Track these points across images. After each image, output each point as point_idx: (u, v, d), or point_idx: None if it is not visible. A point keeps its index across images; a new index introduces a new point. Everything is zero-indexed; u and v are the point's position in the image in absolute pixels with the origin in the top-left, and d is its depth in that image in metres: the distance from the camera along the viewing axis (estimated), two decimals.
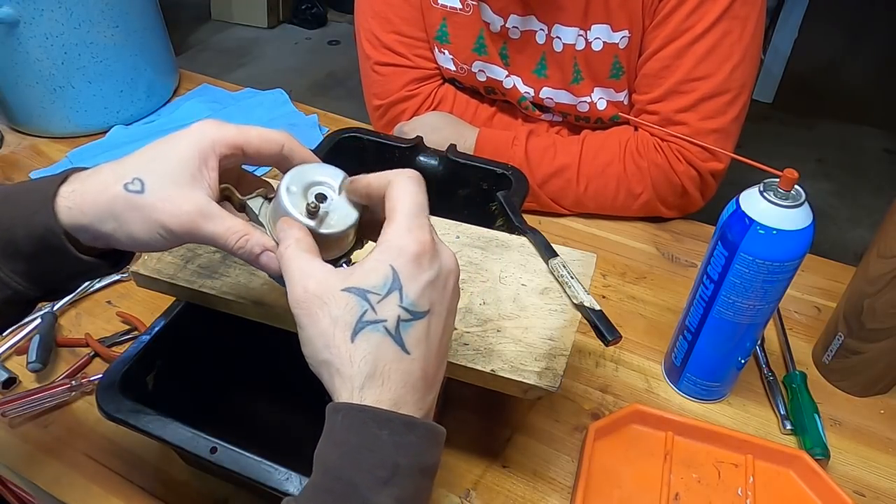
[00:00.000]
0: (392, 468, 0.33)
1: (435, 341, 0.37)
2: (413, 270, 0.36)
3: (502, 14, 0.83)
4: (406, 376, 0.35)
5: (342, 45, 3.24)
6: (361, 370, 0.35)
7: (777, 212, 0.51)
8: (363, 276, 0.36)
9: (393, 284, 0.35)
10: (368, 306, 0.35)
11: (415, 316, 0.36)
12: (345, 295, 0.35)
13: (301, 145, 0.44)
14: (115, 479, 0.57)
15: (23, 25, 0.89)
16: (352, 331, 0.35)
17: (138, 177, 0.39)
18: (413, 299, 0.36)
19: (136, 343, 0.52)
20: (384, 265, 0.36)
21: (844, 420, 0.64)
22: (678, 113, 0.79)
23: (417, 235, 0.37)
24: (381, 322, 0.35)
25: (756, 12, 0.76)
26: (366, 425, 0.34)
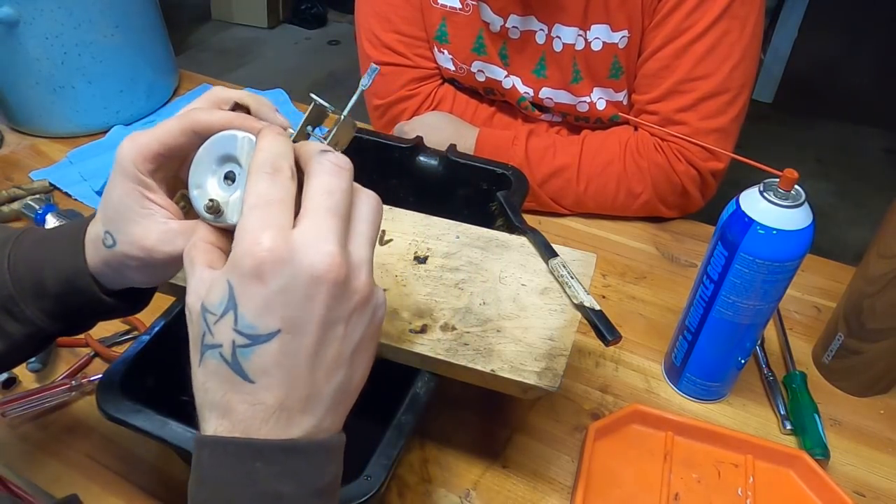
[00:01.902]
0: (274, 499, 0.30)
1: (301, 361, 0.31)
2: (250, 285, 0.30)
3: (502, 14, 0.83)
4: (253, 408, 0.30)
5: (342, 45, 3.24)
6: (204, 399, 0.31)
7: (777, 212, 0.51)
8: (210, 290, 0.31)
9: (228, 304, 0.30)
10: (206, 328, 0.31)
11: (254, 340, 0.30)
12: (198, 312, 0.32)
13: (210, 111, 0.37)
14: (115, 479, 0.57)
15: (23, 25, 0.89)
16: (199, 354, 0.32)
17: (108, 230, 0.39)
18: (251, 321, 0.30)
19: (136, 343, 0.52)
20: (222, 279, 0.31)
21: (844, 420, 0.64)
22: (678, 113, 0.79)
23: (256, 239, 0.30)
24: (217, 347, 0.31)
25: (755, 12, 0.76)
26: (236, 458, 0.30)
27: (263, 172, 0.32)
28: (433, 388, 0.50)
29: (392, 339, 0.51)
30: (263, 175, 0.32)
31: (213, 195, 0.35)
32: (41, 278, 0.40)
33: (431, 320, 0.52)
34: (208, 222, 0.36)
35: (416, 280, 0.56)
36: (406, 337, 0.51)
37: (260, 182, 0.32)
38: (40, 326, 0.41)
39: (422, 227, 0.61)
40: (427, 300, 0.54)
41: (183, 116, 0.37)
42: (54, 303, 0.41)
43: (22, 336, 0.41)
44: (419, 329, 0.52)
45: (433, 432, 0.60)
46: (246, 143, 0.35)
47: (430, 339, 0.51)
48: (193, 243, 0.35)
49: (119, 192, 0.37)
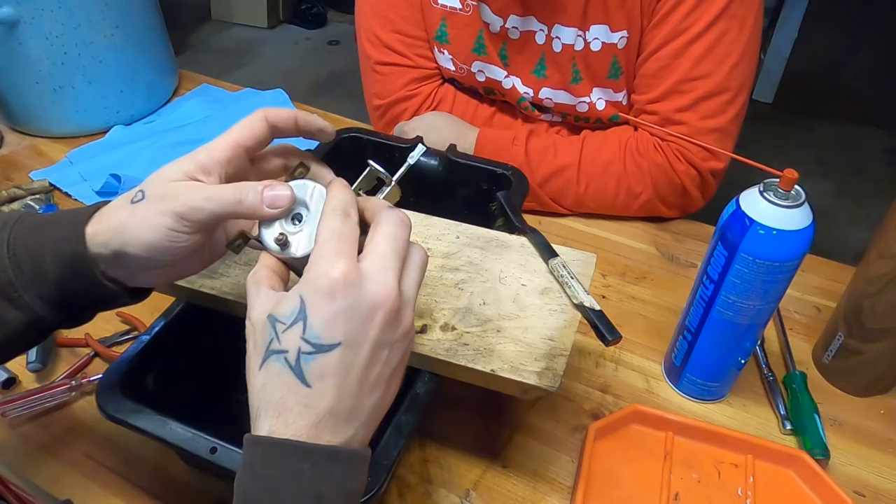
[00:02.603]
0: (314, 499, 0.33)
1: (352, 375, 0.36)
2: (321, 301, 0.35)
3: (502, 14, 0.83)
4: (308, 409, 0.34)
5: (342, 45, 3.23)
6: (263, 399, 0.35)
7: (777, 212, 0.51)
8: (279, 303, 0.36)
9: (298, 315, 0.35)
10: (274, 335, 0.35)
11: (318, 349, 0.35)
12: (264, 322, 0.36)
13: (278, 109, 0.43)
14: (115, 478, 0.57)
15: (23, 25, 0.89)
16: (262, 359, 0.36)
17: (141, 189, 0.40)
18: (318, 331, 0.35)
19: (136, 343, 0.52)
20: (295, 294, 0.36)
21: (844, 420, 0.64)
22: (677, 112, 0.79)
23: (332, 263, 0.35)
24: (283, 353, 0.35)
25: (754, 12, 0.76)
26: (287, 458, 0.34)
27: (337, 213, 0.38)
28: (433, 388, 0.50)
29: None
30: (337, 215, 0.38)
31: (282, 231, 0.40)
32: (41, 262, 0.40)
33: (431, 320, 0.52)
34: (274, 254, 0.41)
35: None
36: None
37: (334, 220, 0.38)
38: (39, 315, 0.41)
39: (422, 227, 0.61)
40: (427, 300, 0.54)
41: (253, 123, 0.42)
42: (54, 289, 0.41)
43: (21, 325, 0.41)
44: (419, 329, 0.52)
45: (433, 432, 0.60)
46: (316, 191, 0.41)
47: (430, 339, 0.51)
48: (259, 269, 0.40)
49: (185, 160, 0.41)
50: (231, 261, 0.56)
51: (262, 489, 0.33)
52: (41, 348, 0.65)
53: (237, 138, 0.42)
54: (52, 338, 0.67)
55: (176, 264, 0.42)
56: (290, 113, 0.43)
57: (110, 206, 0.41)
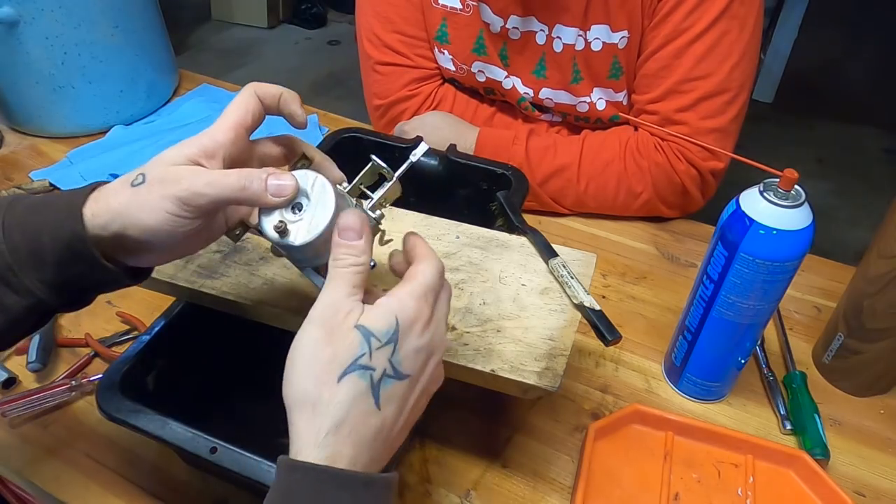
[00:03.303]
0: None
1: (407, 407, 0.38)
2: (410, 331, 0.37)
3: (502, 15, 0.83)
4: (370, 431, 0.36)
5: (342, 45, 3.23)
6: (335, 415, 0.35)
7: (777, 212, 0.51)
8: (373, 319, 0.37)
9: (392, 336, 0.36)
10: (367, 350, 0.36)
11: (397, 375, 0.36)
12: (355, 332, 0.36)
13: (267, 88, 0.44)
14: (115, 478, 0.57)
15: (23, 25, 0.89)
16: (343, 370, 0.35)
17: (142, 172, 0.40)
18: (401, 358, 0.37)
19: (136, 343, 0.52)
20: (392, 315, 0.37)
21: (844, 420, 0.64)
22: (678, 112, 0.79)
23: (423, 306, 0.38)
24: (371, 370, 0.35)
25: (754, 12, 0.76)
26: (325, 486, 0.34)
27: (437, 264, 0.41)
28: None
29: None
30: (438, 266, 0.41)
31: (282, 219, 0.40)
32: (39, 245, 0.39)
33: None
34: (273, 242, 0.41)
35: None
36: None
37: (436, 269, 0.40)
38: (40, 298, 0.41)
39: (422, 227, 0.61)
40: None
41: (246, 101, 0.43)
42: (54, 272, 0.40)
43: (21, 309, 0.40)
44: None
45: (433, 432, 0.60)
46: (318, 181, 0.41)
47: None
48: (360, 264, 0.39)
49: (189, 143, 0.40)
50: (231, 261, 0.56)
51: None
52: (41, 348, 0.65)
53: (236, 119, 0.42)
54: (52, 338, 0.67)
55: (176, 246, 0.42)
56: (276, 90, 0.43)
57: (109, 188, 0.41)
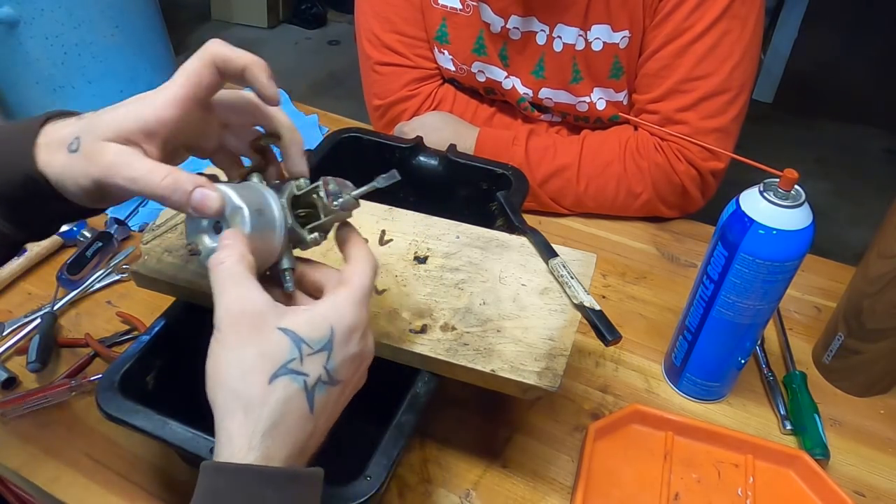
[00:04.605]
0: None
1: (335, 411, 0.39)
2: (345, 340, 0.37)
3: (503, 15, 0.83)
4: (304, 435, 0.36)
5: (342, 45, 3.23)
6: (270, 416, 0.34)
7: (777, 212, 0.51)
8: (304, 324, 0.36)
9: (327, 345, 0.36)
10: (298, 356, 0.35)
11: (331, 381, 0.37)
12: (279, 334, 0.35)
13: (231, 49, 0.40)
14: (115, 478, 0.57)
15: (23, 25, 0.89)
16: (273, 372, 0.35)
17: (78, 136, 0.39)
18: (337, 366, 0.37)
19: (136, 343, 0.52)
20: (327, 323, 0.37)
21: (844, 420, 0.64)
22: (678, 112, 0.79)
23: (362, 313, 0.39)
24: (303, 376, 0.35)
25: (755, 12, 0.76)
26: (250, 485, 0.33)
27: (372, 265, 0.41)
28: (433, 388, 0.50)
29: (392, 339, 0.51)
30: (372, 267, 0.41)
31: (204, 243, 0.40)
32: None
33: (431, 320, 0.52)
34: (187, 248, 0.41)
35: (416, 280, 0.56)
36: (406, 337, 0.51)
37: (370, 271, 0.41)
38: (3, 232, 0.41)
39: (422, 227, 0.61)
40: (427, 300, 0.54)
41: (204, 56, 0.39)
42: (11, 208, 0.40)
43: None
44: (419, 329, 0.52)
45: (433, 432, 0.60)
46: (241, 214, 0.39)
47: (430, 339, 0.51)
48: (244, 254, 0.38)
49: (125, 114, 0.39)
50: None
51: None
52: (41, 348, 0.65)
53: (186, 93, 0.39)
54: (52, 338, 0.67)
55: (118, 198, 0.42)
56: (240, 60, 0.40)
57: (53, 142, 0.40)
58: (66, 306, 0.72)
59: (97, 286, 0.74)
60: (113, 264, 0.76)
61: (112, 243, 0.77)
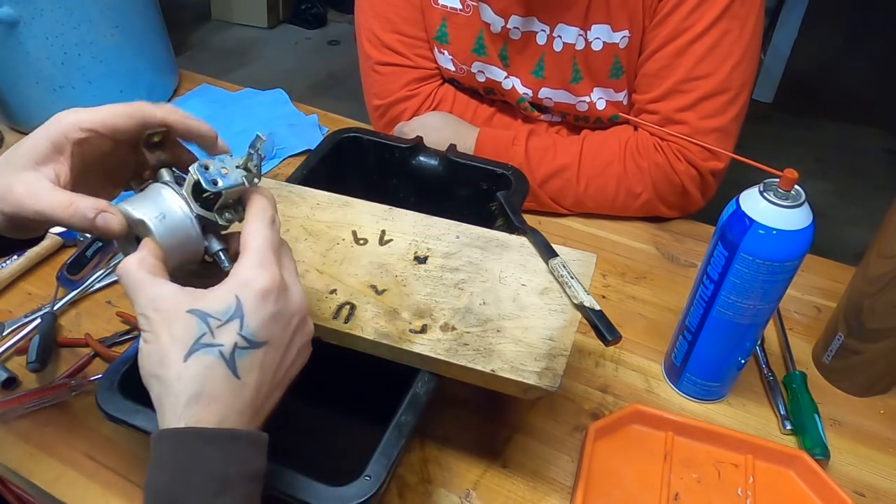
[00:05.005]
0: (221, 480, 0.35)
1: (269, 372, 0.39)
2: (257, 303, 0.38)
3: (503, 15, 0.83)
4: (233, 399, 0.37)
5: (342, 45, 3.23)
6: (188, 389, 0.36)
7: (777, 212, 0.51)
8: (209, 301, 0.38)
9: (235, 313, 0.37)
10: (207, 330, 0.37)
11: (251, 345, 0.37)
12: (187, 316, 0.37)
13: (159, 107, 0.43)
14: (115, 478, 0.57)
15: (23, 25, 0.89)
16: (187, 351, 0.36)
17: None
18: (253, 330, 0.37)
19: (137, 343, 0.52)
20: (230, 294, 0.38)
21: (844, 420, 0.64)
22: (678, 112, 0.79)
23: (268, 272, 0.39)
24: (218, 346, 0.37)
25: (755, 12, 0.76)
26: (191, 444, 0.35)
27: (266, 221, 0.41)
28: (433, 388, 0.50)
29: (392, 339, 0.51)
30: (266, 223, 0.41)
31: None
32: None
33: (431, 320, 0.52)
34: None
35: (416, 280, 0.56)
36: (406, 337, 0.51)
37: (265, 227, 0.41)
38: None
39: (422, 227, 0.61)
40: (427, 300, 0.54)
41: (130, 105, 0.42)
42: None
43: None
44: (419, 329, 0.52)
45: (433, 432, 0.60)
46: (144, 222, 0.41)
47: (430, 339, 0.51)
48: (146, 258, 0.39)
49: (31, 141, 0.41)
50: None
51: (172, 478, 0.35)
52: (41, 348, 0.65)
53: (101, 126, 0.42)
54: (52, 338, 0.67)
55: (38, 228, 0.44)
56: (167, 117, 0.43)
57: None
58: (66, 306, 0.72)
59: (97, 286, 0.74)
60: (113, 264, 0.76)
61: (112, 243, 0.77)
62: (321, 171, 0.70)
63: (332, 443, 0.59)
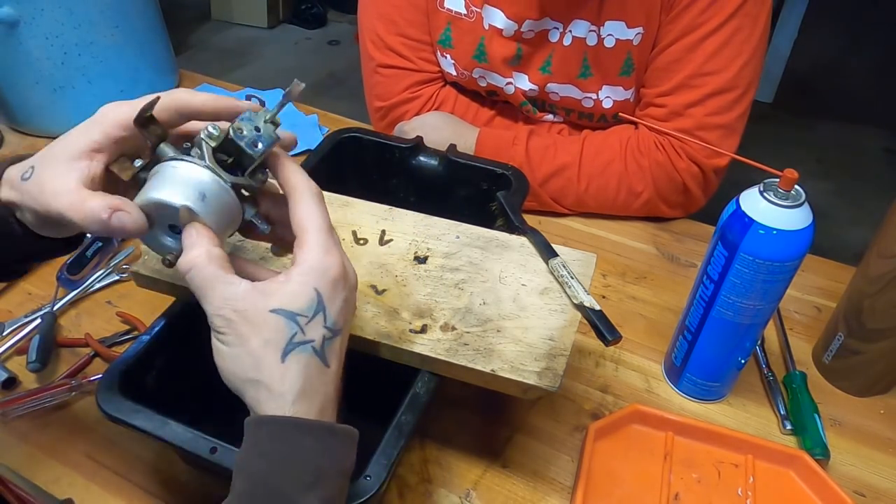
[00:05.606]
0: (316, 472, 0.35)
1: (343, 353, 0.40)
2: (333, 292, 0.39)
3: (517, 19, 0.82)
4: (327, 388, 0.38)
5: (342, 45, 3.23)
6: (293, 387, 0.37)
7: (777, 212, 0.51)
8: (290, 298, 0.37)
9: (318, 307, 0.38)
10: (298, 329, 0.37)
11: (335, 333, 0.39)
12: (274, 317, 0.37)
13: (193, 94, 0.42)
14: (115, 479, 0.57)
15: (23, 25, 0.89)
16: (282, 352, 0.37)
17: (33, 164, 0.41)
18: (334, 319, 0.39)
19: (136, 343, 0.52)
20: (309, 288, 0.38)
21: (844, 420, 0.64)
22: (686, 107, 0.79)
23: (335, 257, 0.39)
24: (310, 342, 0.37)
25: (766, 11, 0.76)
26: (291, 434, 0.36)
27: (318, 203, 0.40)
28: (433, 388, 0.50)
29: (392, 339, 0.51)
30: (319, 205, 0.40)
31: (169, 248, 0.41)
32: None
33: (431, 320, 0.52)
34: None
35: (416, 280, 0.56)
36: (406, 337, 0.51)
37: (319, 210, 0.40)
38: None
39: (422, 227, 0.61)
40: (427, 300, 0.54)
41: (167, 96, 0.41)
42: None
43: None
44: (419, 329, 0.52)
45: (433, 432, 0.60)
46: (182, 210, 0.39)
47: (430, 339, 0.51)
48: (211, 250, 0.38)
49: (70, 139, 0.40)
50: None
51: (269, 464, 0.35)
52: (41, 348, 0.65)
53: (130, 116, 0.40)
54: (52, 338, 0.67)
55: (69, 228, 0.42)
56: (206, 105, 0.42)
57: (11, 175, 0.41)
58: (66, 306, 0.72)
59: (97, 286, 0.74)
60: (113, 264, 0.76)
61: (112, 243, 0.77)
62: (321, 171, 0.70)
63: None
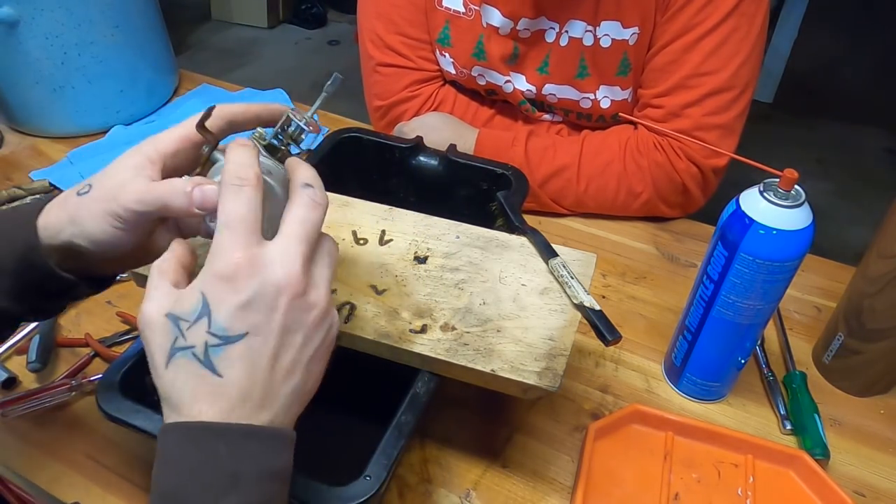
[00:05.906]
0: (231, 478, 0.33)
1: (263, 361, 0.36)
2: (223, 294, 0.35)
3: (513, 18, 0.83)
4: (219, 397, 0.35)
5: (342, 45, 3.23)
6: (180, 395, 0.35)
7: (777, 212, 0.51)
8: (180, 301, 0.36)
9: (202, 311, 0.35)
10: (179, 333, 0.35)
11: (225, 340, 0.35)
12: (164, 321, 0.36)
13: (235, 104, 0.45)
14: (115, 479, 0.57)
15: (23, 25, 0.89)
16: (167, 357, 0.35)
17: (89, 182, 0.41)
18: (223, 324, 0.35)
19: (137, 343, 0.52)
20: (195, 291, 0.36)
21: (844, 420, 0.64)
22: (684, 108, 0.79)
23: (230, 255, 0.35)
24: (190, 348, 0.35)
25: (763, 11, 0.76)
26: (200, 439, 0.34)
27: (231, 186, 0.37)
28: (433, 388, 0.50)
29: (392, 339, 0.51)
30: (231, 189, 0.36)
31: None
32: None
33: (431, 320, 0.52)
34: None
35: (416, 280, 0.56)
36: (406, 337, 0.51)
37: (228, 199, 0.36)
38: (2, 306, 0.42)
39: (422, 227, 0.61)
40: (427, 300, 0.54)
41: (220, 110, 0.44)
42: (13, 281, 0.42)
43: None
44: (419, 329, 0.52)
45: (433, 432, 0.60)
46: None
47: (430, 339, 0.51)
48: (166, 258, 0.39)
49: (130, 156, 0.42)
50: None
51: (178, 474, 0.33)
52: (41, 348, 0.65)
53: (186, 133, 0.43)
54: (52, 338, 0.67)
55: (126, 255, 0.43)
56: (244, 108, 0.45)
57: (60, 198, 0.42)
58: None
59: None
60: None
61: None
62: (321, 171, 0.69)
63: (332, 443, 0.59)
